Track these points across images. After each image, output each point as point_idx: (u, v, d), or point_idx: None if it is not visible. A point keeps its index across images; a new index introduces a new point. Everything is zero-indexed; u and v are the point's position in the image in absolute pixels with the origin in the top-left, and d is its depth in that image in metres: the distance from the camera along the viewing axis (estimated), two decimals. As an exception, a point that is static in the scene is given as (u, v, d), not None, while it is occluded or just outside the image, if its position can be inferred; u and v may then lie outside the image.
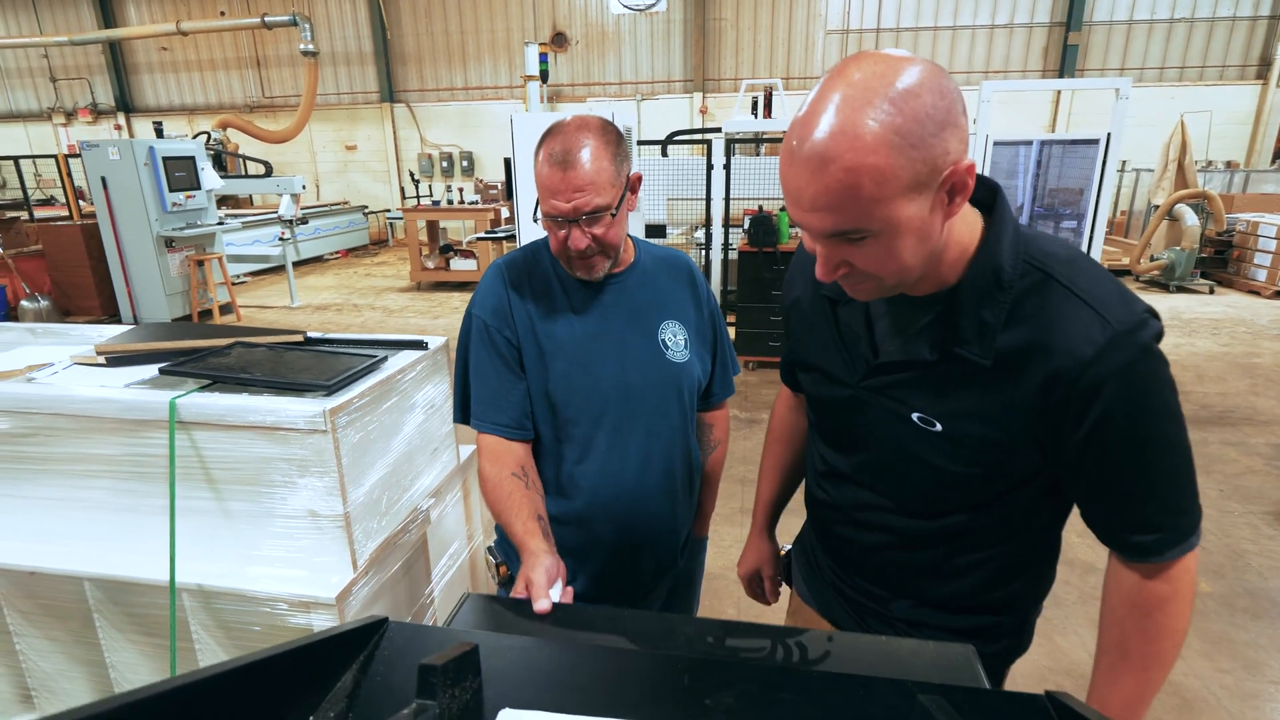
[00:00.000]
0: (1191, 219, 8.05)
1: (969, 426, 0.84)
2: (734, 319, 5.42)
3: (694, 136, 8.91)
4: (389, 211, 13.44)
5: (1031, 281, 0.79)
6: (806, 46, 11.91)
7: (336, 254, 11.82)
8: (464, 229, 11.56)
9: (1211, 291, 8.23)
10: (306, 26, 10.03)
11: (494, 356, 1.26)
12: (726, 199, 5.78)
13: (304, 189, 7.95)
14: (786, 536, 1.37)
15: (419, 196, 10.21)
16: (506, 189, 9.48)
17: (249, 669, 0.54)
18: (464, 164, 13.36)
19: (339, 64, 13.36)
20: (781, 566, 1.35)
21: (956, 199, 0.73)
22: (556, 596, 0.99)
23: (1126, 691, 0.84)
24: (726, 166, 5.69)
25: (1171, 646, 0.83)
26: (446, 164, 13.42)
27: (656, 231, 6.16)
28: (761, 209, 5.32)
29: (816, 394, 1.04)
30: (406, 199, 11.78)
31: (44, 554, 1.47)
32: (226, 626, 1.40)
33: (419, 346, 1.68)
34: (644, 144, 7.28)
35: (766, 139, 7.35)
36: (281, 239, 7.90)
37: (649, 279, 1.32)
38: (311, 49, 10.12)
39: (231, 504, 1.40)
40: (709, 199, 5.88)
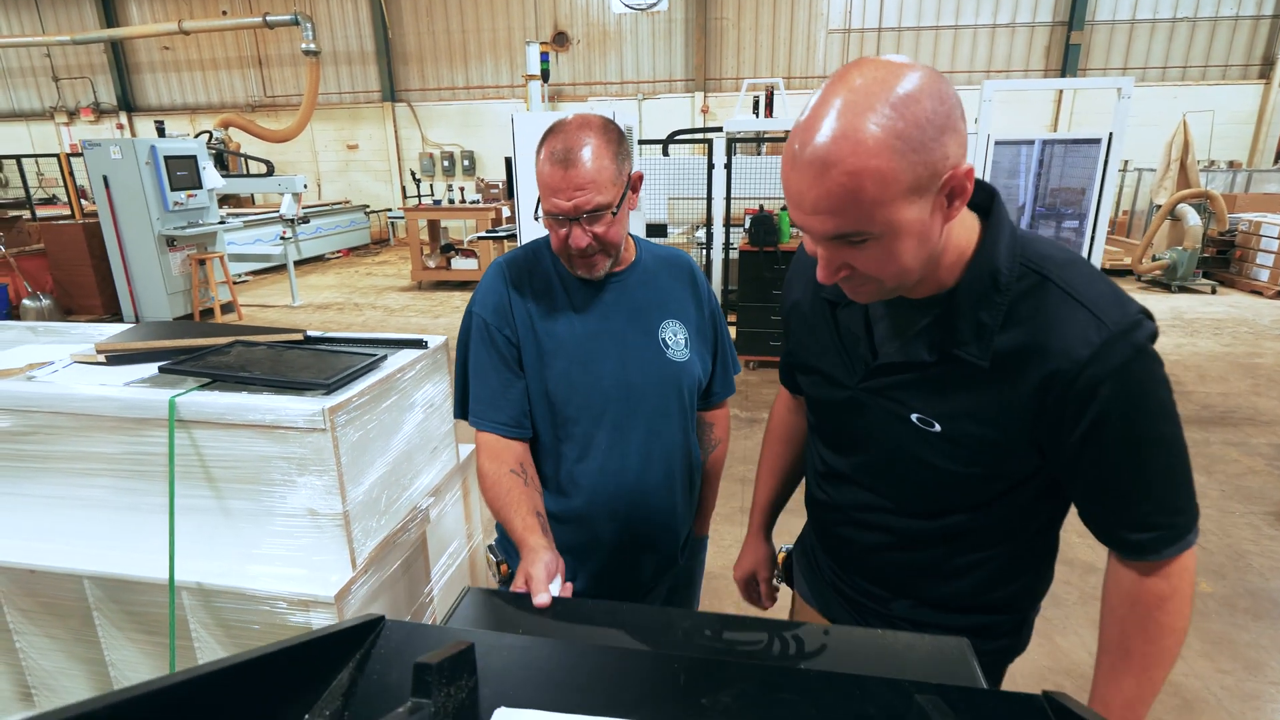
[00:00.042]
0: (1194, 219, 8.04)
1: (967, 427, 0.85)
2: (735, 318, 5.41)
3: (695, 136, 8.91)
4: (390, 211, 13.46)
5: (1028, 284, 0.80)
6: (808, 46, 11.90)
7: (338, 253, 11.84)
8: (465, 228, 11.56)
9: (1214, 291, 8.22)
10: (308, 26, 10.04)
11: (493, 355, 1.26)
12: (728, 198, 5.78)
13: (305, 188, 7.97)
14: (787, 536, 1.37)
15: (420, 196, 10.21)
16: (508, 188, 9.49)
17: (244, 667, 0.54)
18: (465, 163, 13.37)
19: (340, 63, 13.37)
20: (780, 569, 1.35)
21: (956, 202, 0.74)
22: (556, 591, 0.99)
23: (1128, 691, 0.84)
24: (728, 166, 5.69)
25: (1173, 645, 0.83)
26: (448, 163, 13.42)
27: (657, 231, 6.16)
28: (762, 208, 5.32)
29: (816, 396, 1.05)
30: (408, 198, 11.79)
31: (44, 552, 1.47)
32: (226, 625, 1.40)
33: (418, 345, 1.68)
34: (645, 143, 7.28)
35: (768, 138, 7.35)
36: (283, 238, 7.91)
37: (650, 278, 1.32)
38: (313, 48, 10.13)
39: (231, 502, 1.40)
40: (710, 198, 5.88)
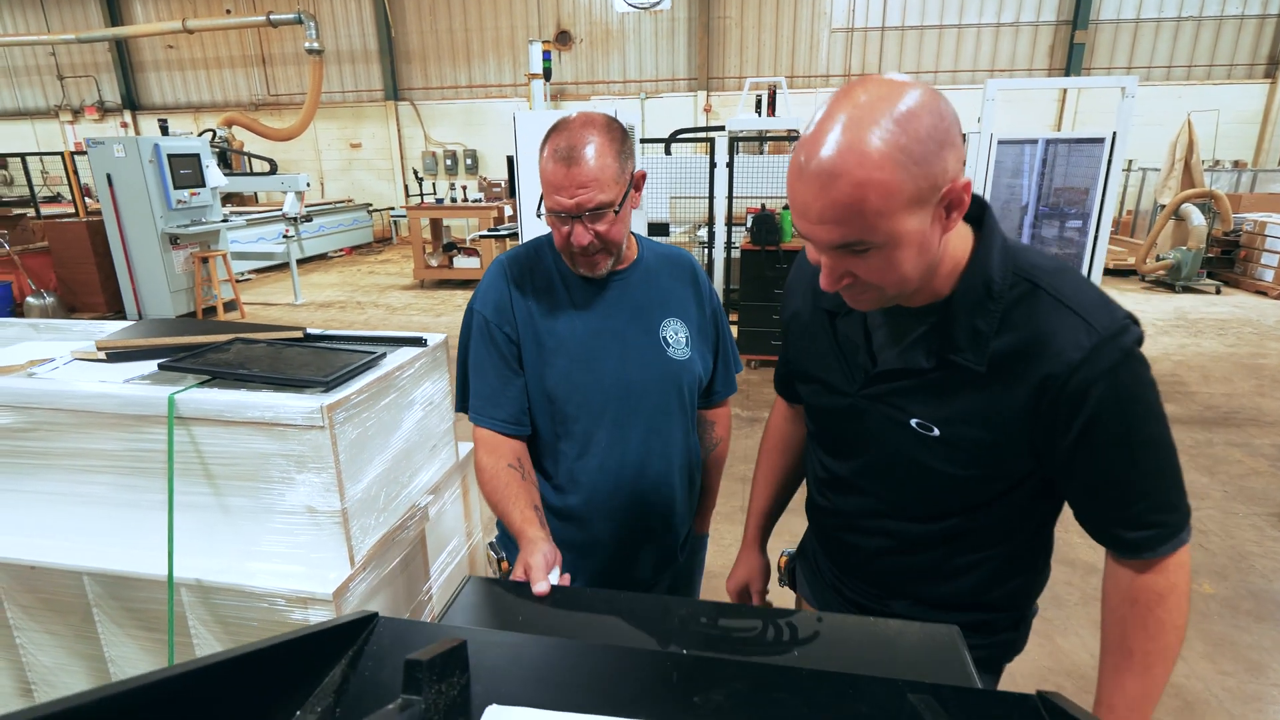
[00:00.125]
0: (1198, 219, 8.01)
1: (965, 430, 0.88)
2: (736, 317, 5.41)
3: (697, 135, 8.90)
4: (393, 209, 13.48)
5: (1020, 292, 0.83)
6: (811, 45, 11.88)
7: (340, 252, 11.86)
8: (467, 227, 11.57)
9: (1218, 292, 8.19)
10: (311, 25, 10.05)
11: (493, 353, 1.26)
12: (730, 197, 5.77)
13: (308, 187, 7.98)
14: (788, 535, 1.37)
15: (423, 194, 10.23)
16: (510, 187, 9.50)
17: (237, 662, 0.54)
18: (468, 162, 13.38)
19: (344, 62, 13.38)
20: (783, 572, 1.37)
21: (954, 214, 0.77)
22: (555, 580, 1.02)
23: (1132, 691, 0.85)
24: (730, 165, 5.68)
25: (1174, 641, 0.85)
26: (450, 162, 13.43)
27: (659, 229, 6.15)
28: (764, 207, 5.31)
29: (817, 404, 1.07)
30: (410, 197, 11.81)
31: (44, 548, 1.47)
32: (224, 622, 1.41)
33: (418, 343, 1.68)
34: (647, 142, 7.27)
35: (770, 137, 7.34)
36: (286, 236, 7.92)
37: (651, 276, 1.32)
38: (316, 47, 10.14)
39: (230, 499, 1.40)
40: (712, 197, 5.87)
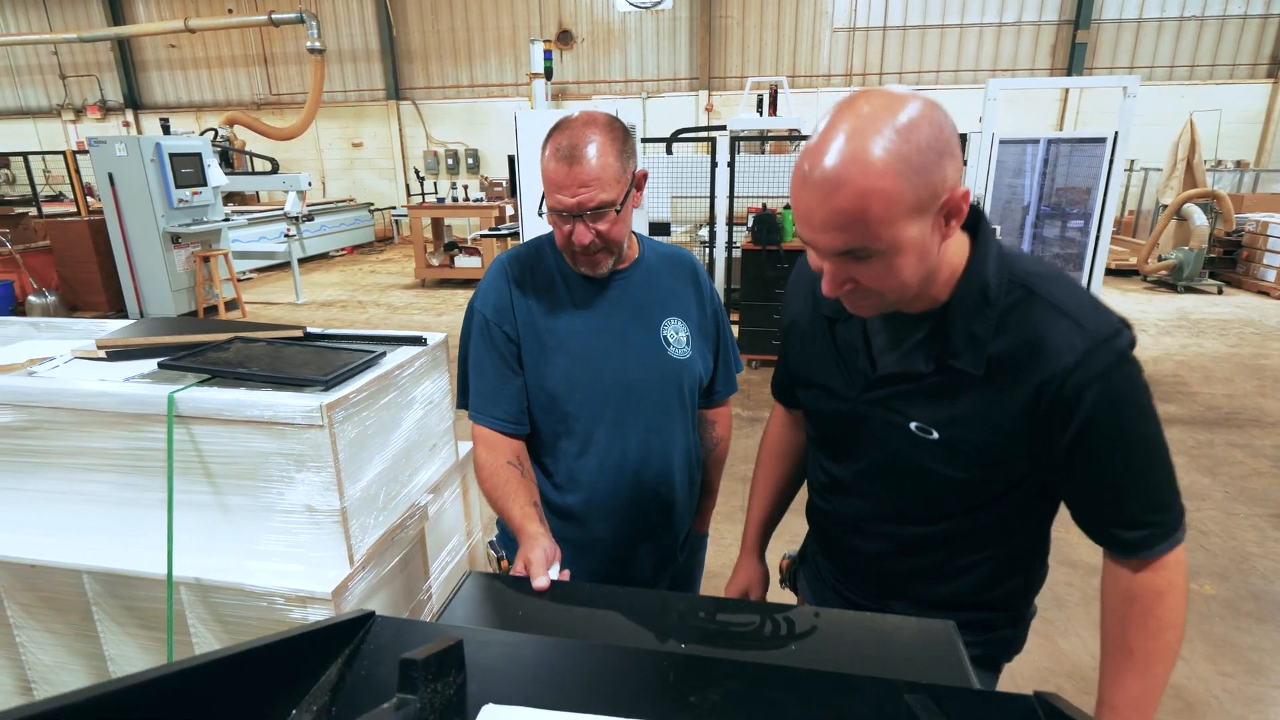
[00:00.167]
0: (1200, 219, 7.99)
1: (964, 433, 0.89)
2: (737, 317, 5.40)
3: (699, 134, 8.89)
4: (394, 209, 13.48)
5: (1016, 297, 0.85)
6: (813, 44, 11.86)
7: (342, 251, 11.86)
8: (469, 226, 11.58)
9: (1220, 292, 8.18)
10: (313, 24, 10.05)
11: (492, 352, 1.26)
12: (731, 197, 5.77)
13: (310, 186, 7.99)
14: (788, 535, 1.38)
15: (424, 194, 10.22)
16: (511, 186, 9.49)
17: (232, 660, 0.54)
18: (469, 161, 13.38)
19: (345, 61, 13.38)
20: (785, 575, 1.38)
21: (952, 221, 0.79)
22: (555, 575, 1.02)
23: (1134, 691, 0.86)
24: (731, 164, 5.67)
25: (1173, 640, 0.86)
26: (452, 161, 13.44)
27: (660, 229, 6.14)
28: (765, 207, 5.31)
29: (818, 409, 1.08)
30: (412, 196, 11.81)
31: (44, 547, 1.48)
32: (224, 620, 1.41)
33: (418, 343, 1.68)
34: (648, 141, 7.26)
35: (771, 137, 7.33)
36: (287, 236, 7.93)
37: (652, 276, 1.32)
38: (318, 46, 10.13)
39: (229, 498, 1.40)
40: (713, 197, 5.86)
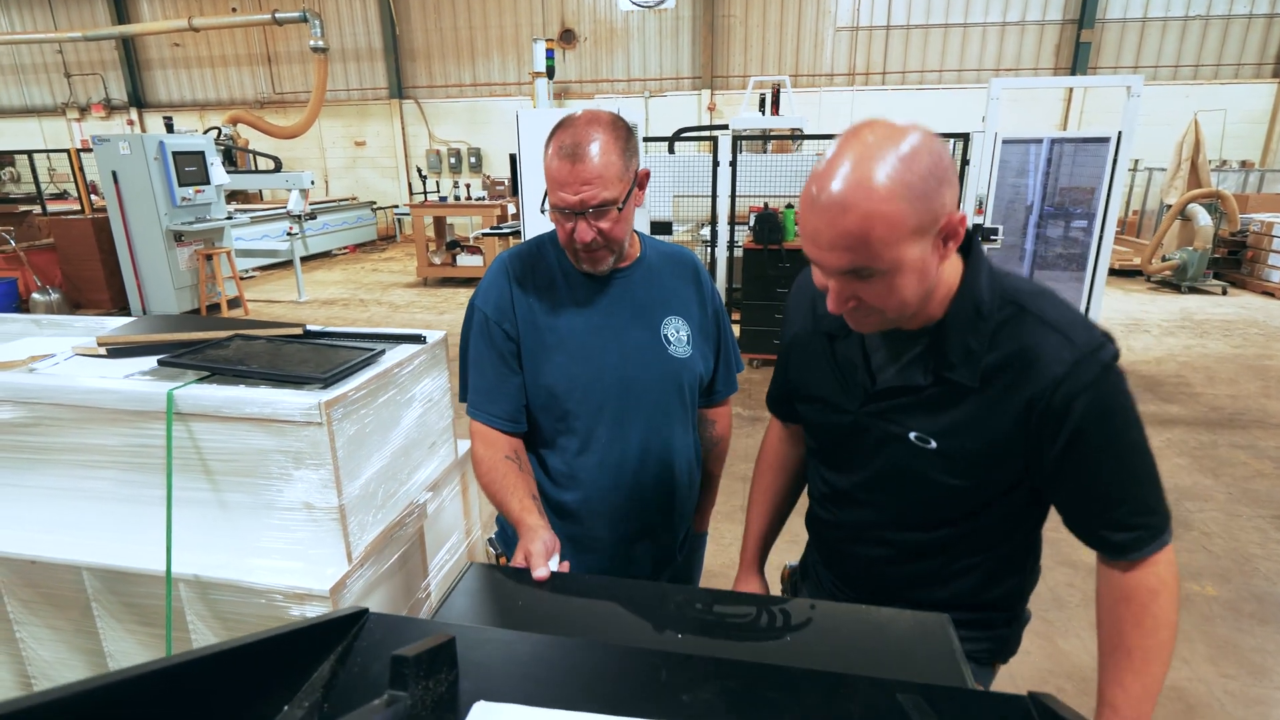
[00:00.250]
0: (1204, 219, 7.96)
1: (961, 442, 0.94)
2: (739, 316, 5.40)
3: (701, 134, 8.88)
4: (397, 207, 13.48)
5: (1007, 313, 0.91)
6: (816, 44, 11.84)
7: (344, 249, 11.87)
8: (471, 225, 11.58)
9: (1224, 292, 8.14)
10: (317, 23, 10.05)
11: (491, 350, 1.27)
12: (733, 196, 5.76)
13: (313, 184, 7.99)
14: (789, 536, 1.38)
15: (426, 192, 10.22)
16: (513, 185, 9.49)
17: (225, 655, 0.54)
18: (472, 160, 13.39)
19: (349, 60, 13.40)
20: (785, 585, 1.39)
21: (950, 244, 0.85)
22: (554, 567, 1.03)
23: (1134, 690, 0.89)
24: (733, 164, 5.66)
25: (1168, 639, 0.89)
26: (454, 160, 13.44)
27: (662, 228, 6.13)
28: (767, 206, 5.30)
29: (819, 422, 1.12)
30: (414, 195, 11.82)
31: (44, 543, 1.48)
32: (222, 617, 1.41)
33: (417, 340, 1.68)
34: (650, 140, 7.24)
35: (773, 136, 7.32)
36: (290, 234, 7.94)
37: (653, 275, 1.32)
38: (322, 45, 10.14)
39: (228, 495, 1.40)
40: (715, 196, 5.85)
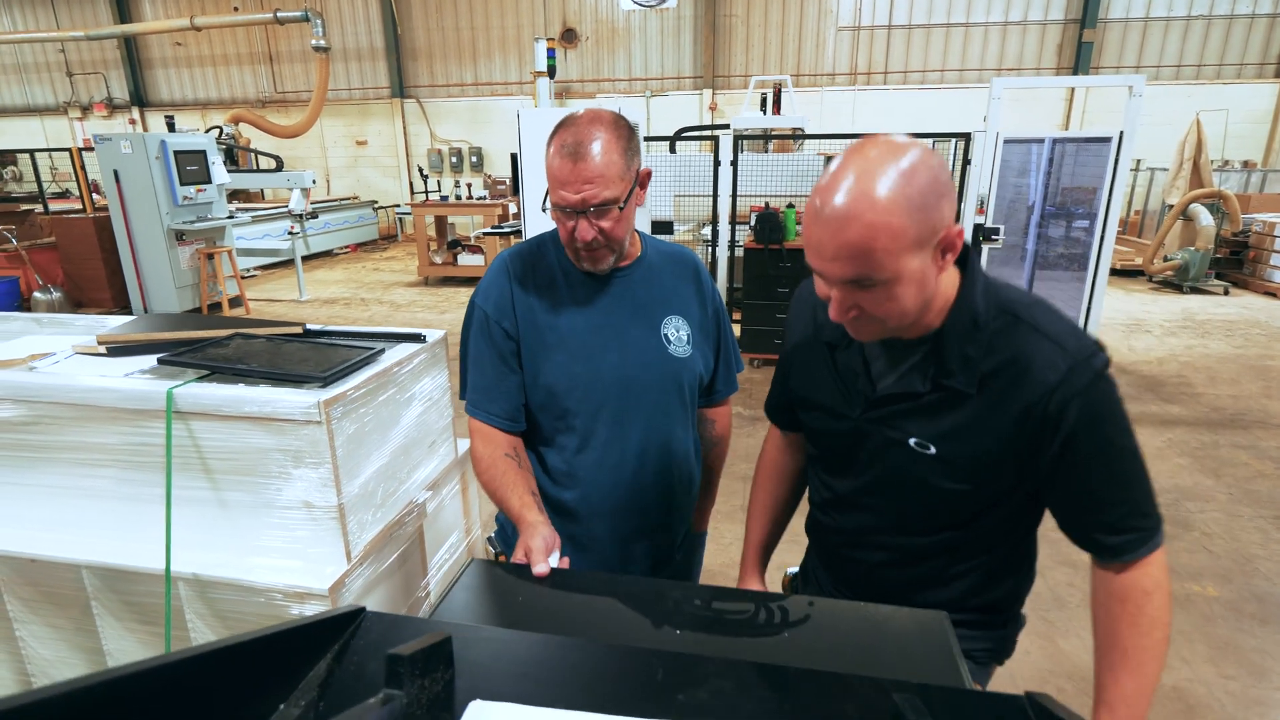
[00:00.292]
0: (1206, 219, 7.94)
1: (959, 447, 0.96)
2: (739, 316, 5.39)
3: (702, 133, 8.87)
4: (398, 206, 13.49)
5: (1003, 322, 0.94)
6: (817, 43, 11.83)
7: (346, 248, 11.88)
8: (472, 224, 11.57)
9: (1226, 293, 8.13)
10: (318, 22, 10.06)
11: (490, 349, 1.27)
12: (734, 195, 5.75)
13: (314, 184, 7.99)
14: (790, 537, 1.38)
15: (428, 192, 10.21)
16: (514, 184, 9.49)
17: (221, 653, 0.53)
18: (473, 159, 13.39)
19: (350, 59, 13.40)
20: (786, 591, 1.39)
21: (948, 255, 0.88)
22: (554, 563, 1.04)
23: (1129, 689, 0.91)
24: (734, 163, 5.66)
25: (1162, 639, 0.91)
26: (456, 159, 13.44)
27: (663, 227, 6.12)
28: (768, 205, 5.29)
29: (821, 429, 1.14)
30: (415, 194, 11.82)
31: (44, 541, 1.48)
32: (222, 616, 1.41)
33: (417, 340, 1.68)
34: (652, 140, 7.23)
35: (775, 135, 7.32)
36: (291, 233, 7.94)
37: (654, 274, 1.32)
38: (323, 44, 10.15)
39: (228, 494, 1.40)
40: (716, 195, 5.85)
